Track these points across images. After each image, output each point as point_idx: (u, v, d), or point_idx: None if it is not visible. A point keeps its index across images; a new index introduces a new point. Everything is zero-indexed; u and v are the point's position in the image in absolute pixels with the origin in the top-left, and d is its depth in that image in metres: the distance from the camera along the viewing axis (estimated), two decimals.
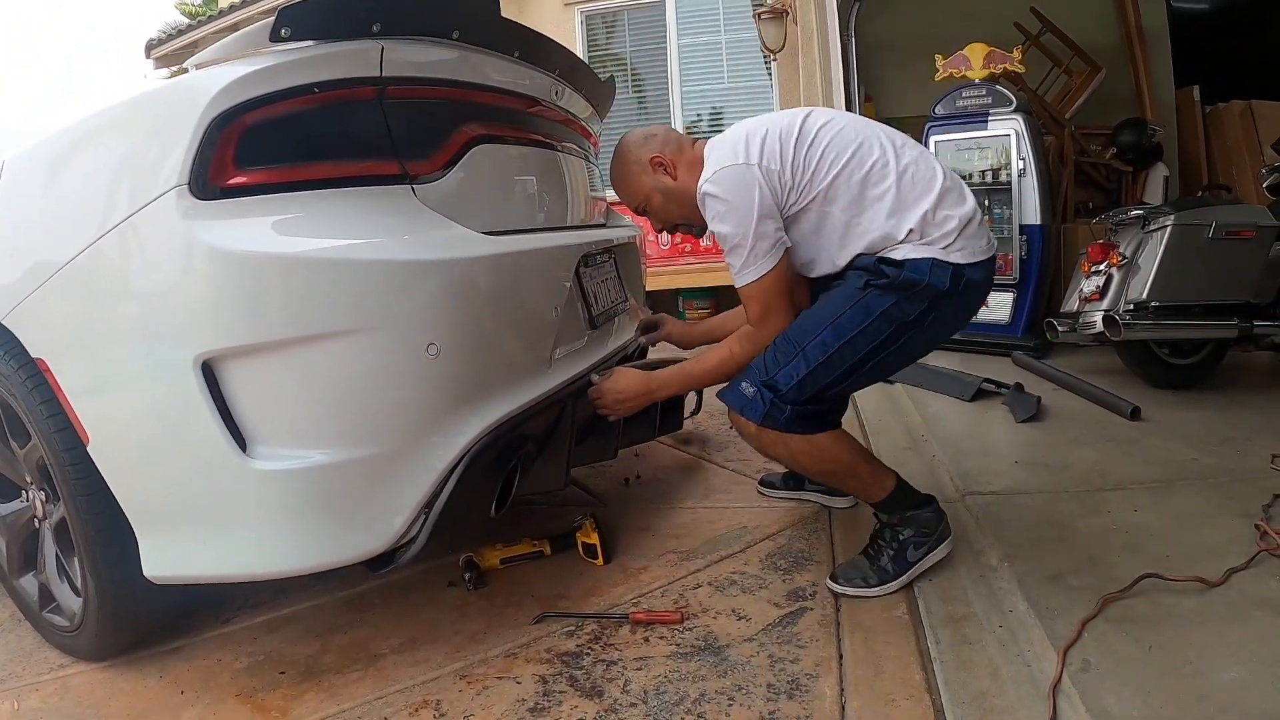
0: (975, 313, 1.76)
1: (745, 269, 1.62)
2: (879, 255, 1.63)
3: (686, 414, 2.41)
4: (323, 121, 1.39)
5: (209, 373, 1.30)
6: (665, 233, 1.86)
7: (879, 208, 1.60)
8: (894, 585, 1.68)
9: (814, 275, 1.75)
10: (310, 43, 1.36)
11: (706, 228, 1.73)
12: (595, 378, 1.79)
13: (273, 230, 1.31)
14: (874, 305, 1.59)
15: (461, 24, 1.53)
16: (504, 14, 1.67)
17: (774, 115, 1.71)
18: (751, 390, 1.63)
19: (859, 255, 1.66)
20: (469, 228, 1.48)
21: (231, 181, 1.32)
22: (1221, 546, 1.77)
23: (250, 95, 1.32)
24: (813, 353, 1.59)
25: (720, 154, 1.64)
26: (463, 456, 1.40)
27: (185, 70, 1.45)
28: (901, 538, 1.71)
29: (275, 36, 1.32)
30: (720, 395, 1.72)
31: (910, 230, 1.60)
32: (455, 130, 1.56)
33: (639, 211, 1.84)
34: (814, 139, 1.62)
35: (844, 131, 1.64)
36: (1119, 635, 1.45)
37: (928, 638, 1.51)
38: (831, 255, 1.68)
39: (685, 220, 1.79)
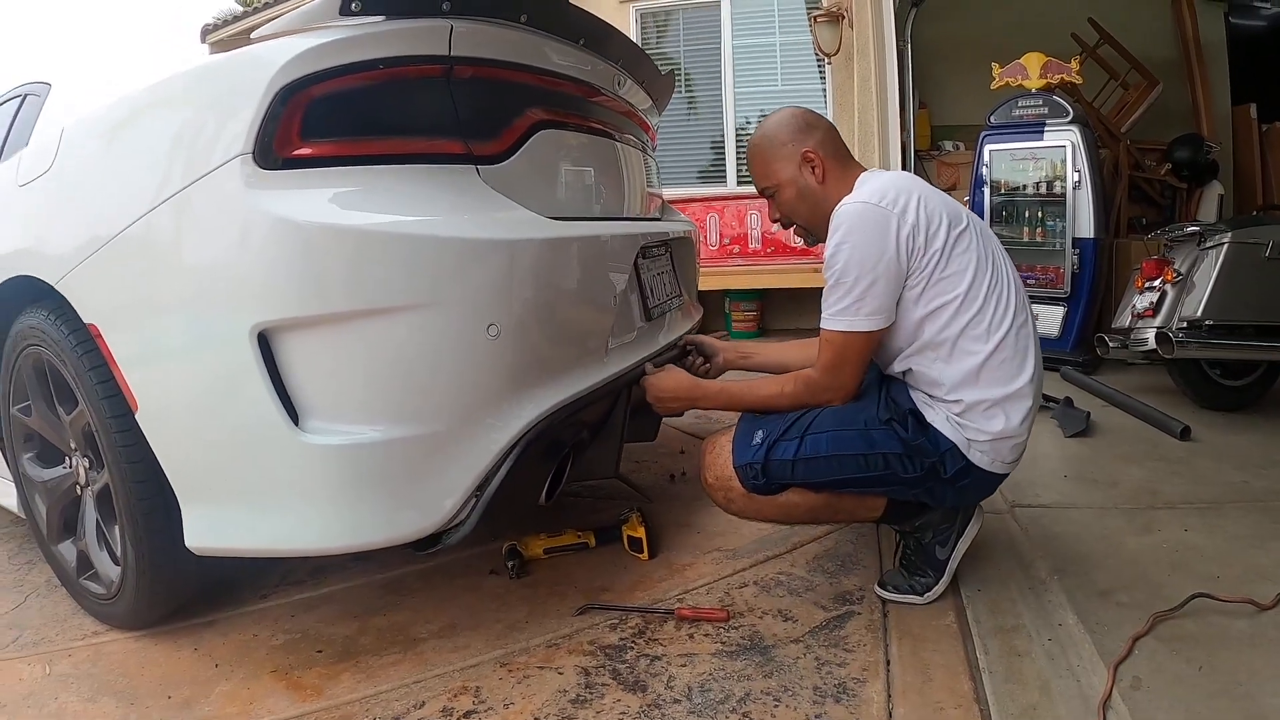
0: (964, 502, 1.66)
1: (840, 314, 1.49)
2: (913, 406, 1.56)
3: None
4: (390, 97, 1.38)
5: (264, 344, 1.29)
6: (778, 225, 1.73)
7: (959, 363, 1.50)
8: (938, 589, 1.64)
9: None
10: (379, 18, 1.35)
11: (820, 240, 1.64)
12: (649, 368, 1.76)
13: (336, 202, 1.30)
14: (879, 443, 1.53)
15: (530, 7, 1.52)
16: None
17: (940, 192, 1.58)
18: (758, 440, 1.58)
19: (909, 376, 1.59)
20: (532, 211, 1.46)
21: (296, 152, 1.31)
22: (1272, 569, 1.73)
23: (319, 67, 1.31)
24: (808, 446, 1.54)
25: (875, 189, 1.50)
26: (518, 441, 1.38)
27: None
28: (924, 542, 1.66)
29: (346, 10, 1.32)
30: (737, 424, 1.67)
31: (959, 401, 1.51)
32: (520, 113, 1.54)
33: (764, 194, 1.70)
34: (964, 250, 1.49)
35: (991, 271, 1.52)
36: (1169, 654, 1.42)
37: (976, 648, 1.48)
38: (892, 356, 1.59)
39: (807, 225, 1.67)
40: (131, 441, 1.49)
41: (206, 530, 1.44)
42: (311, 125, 1.32)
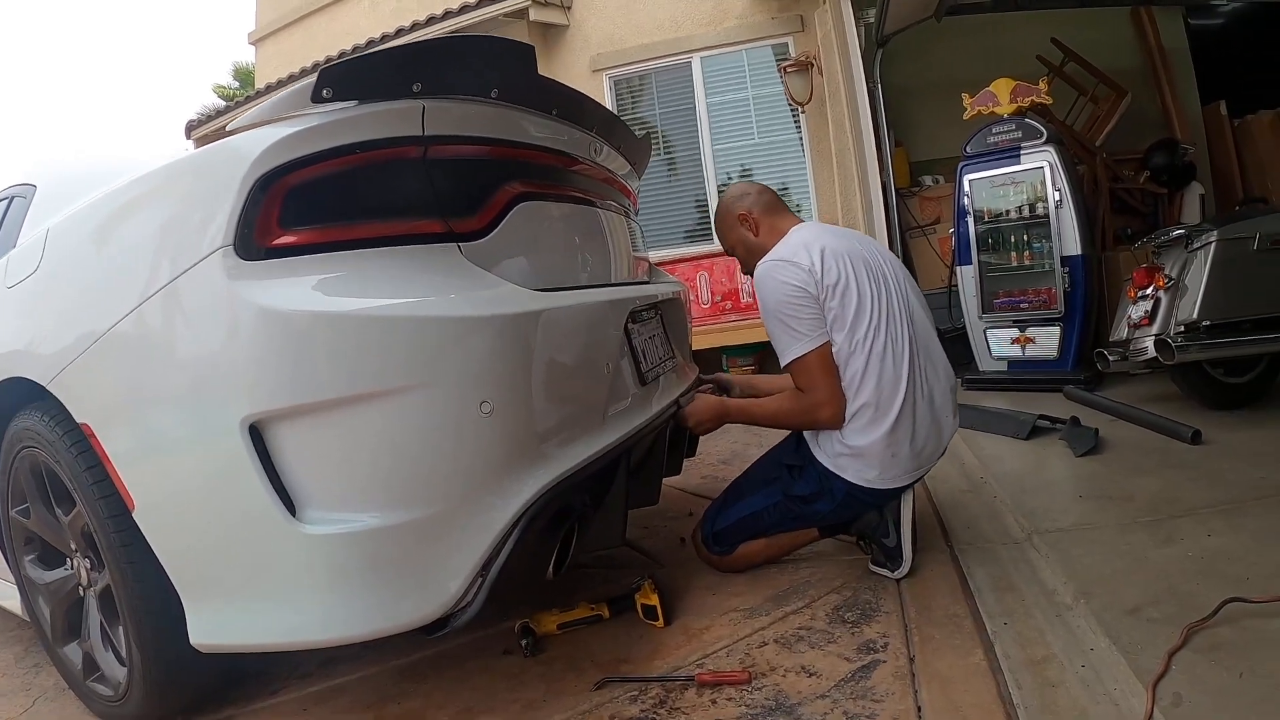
0: (869, 509, 1.96)
1: (789, 348, 1.87)
2: (792, 462, 1.98)
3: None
4: (367, 181, 1.38)
5: (256, 435, 1.27)
6: (749, 275, 2.06)
7: (846, 371, 1.85)
8: (904, 567, 1.93)
9: None
10: (352, 103, 1.35)
11: None
12: (683, 400, 2.02)
13: (320, 289, 1.29)
14: (772, 496, 2.00)
15: (500, 82, 1.53)
16: None
17: (848, 238, 1.95)
18: (707, 519, 2.10)
19: None
20: (517, 285, 1.45)
21: (276, 242, 1.31)
22: None
23: (293, 156, 1.32)
24: (732, 514, 2.05)
25: (788, 246, 1.89)
26: (520, 517, 1.35)
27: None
28: (874, 540, 1.97)
29: (317, 97, 1.32)
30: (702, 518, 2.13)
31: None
32: (498, 188, 1.54)
33: (730, 253, 2.14)
34: (848, 284, 1.82)
35: (873, 299, 1.84)
36: (1208, 665, 1.38)
37: (1008, 684, 1.43)
38: None
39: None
40: (130, 540, 1.47)
41: (211, 627, 1.42)
42: (290, 213, 1.32)
